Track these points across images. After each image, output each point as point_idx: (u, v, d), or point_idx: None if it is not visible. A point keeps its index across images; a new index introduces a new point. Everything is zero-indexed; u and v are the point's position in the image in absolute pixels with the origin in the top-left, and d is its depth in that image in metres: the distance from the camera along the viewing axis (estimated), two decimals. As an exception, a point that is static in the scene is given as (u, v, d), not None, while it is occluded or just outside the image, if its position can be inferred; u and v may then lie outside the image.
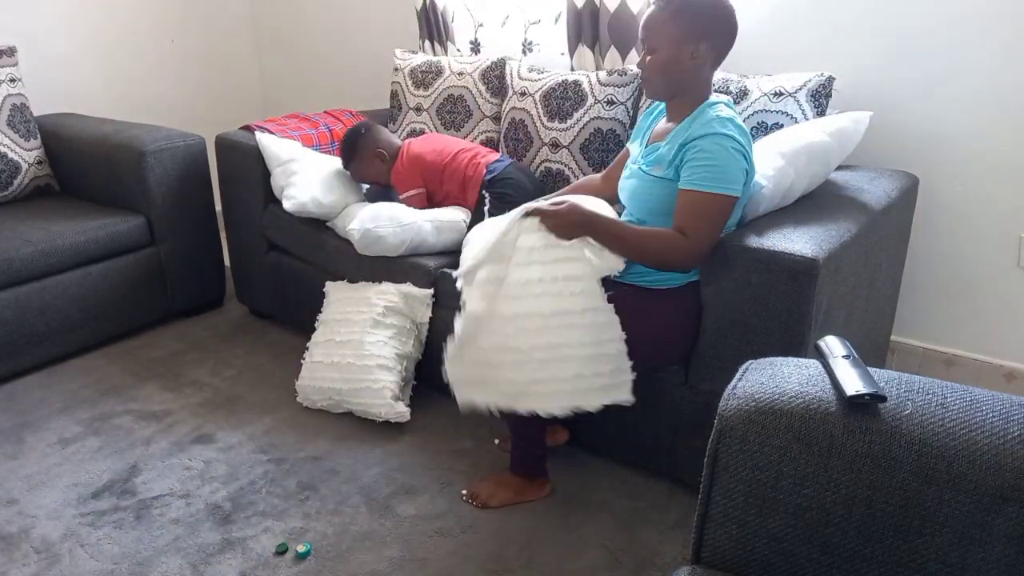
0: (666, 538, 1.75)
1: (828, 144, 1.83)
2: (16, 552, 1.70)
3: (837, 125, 1.87)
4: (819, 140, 1.81)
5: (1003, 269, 2.19)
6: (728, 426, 0.99)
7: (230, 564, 1.67)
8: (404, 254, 2.23)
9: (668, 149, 1.66)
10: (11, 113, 2.68)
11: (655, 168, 1.68)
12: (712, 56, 1.64)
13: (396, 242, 2.20)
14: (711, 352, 1.70)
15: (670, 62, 1.63)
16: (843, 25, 2.23)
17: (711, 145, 1.57)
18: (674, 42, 1.62)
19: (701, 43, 1.62)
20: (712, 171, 1.56)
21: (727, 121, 1.60)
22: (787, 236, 1.60)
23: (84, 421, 2.19)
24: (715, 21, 1.63)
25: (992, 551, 0.87)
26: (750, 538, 1.00)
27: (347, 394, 2.13)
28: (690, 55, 1.62)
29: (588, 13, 2.50)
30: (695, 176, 1.58)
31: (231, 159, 2.62)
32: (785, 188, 1.75)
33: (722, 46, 1.65)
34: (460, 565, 1.67)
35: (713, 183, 1.56)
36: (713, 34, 1.62)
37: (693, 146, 1.59)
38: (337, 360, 2.14)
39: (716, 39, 1.63)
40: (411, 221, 2.23)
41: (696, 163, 1.58)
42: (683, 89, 1.67)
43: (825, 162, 1.85)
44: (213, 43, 3.62)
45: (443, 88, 2.72)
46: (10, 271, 2.30)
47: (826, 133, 1.83)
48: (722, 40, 1.65)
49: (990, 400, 0.94)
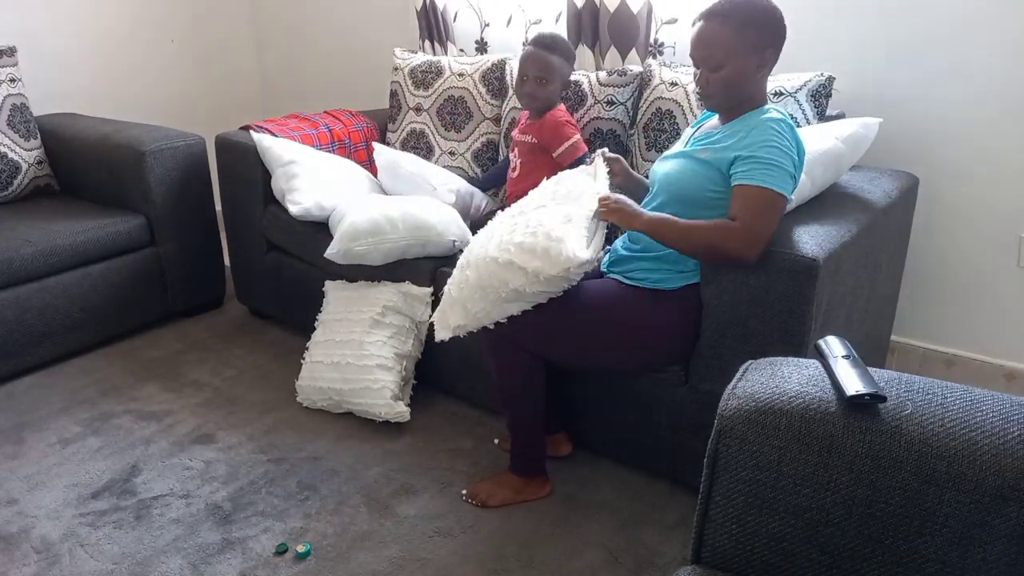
0: (666, 538, 1.75)
1: (841, 151, 1.84)
2: (16, 552, 1.70)
3: (849, 131, 1.87)
4: (833, 147, 1.83)
5: (1003, 269, 2.19)
6: (728, 426, 0.99)
7: (230, 564, 1.67)
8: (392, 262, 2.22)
9: (721, 137, 1.66)
10: (11, 113, 2.68)
11: (701, 151, 1.67)
12: (773, 61, 1.64)
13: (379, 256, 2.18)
14: (711, 352, 1.70)
15: (738, 76, 1.61)
16: (843, 25, 2.23)
17: (766, 143, 1.57)
18: (742, 55, 1.59)
19: (767, 51, 1.61)
20: (768, 168, 1.55)
21: (781, 123, 1.60)
22: (788, 236, 1.60)
23: (84, 421, 2.19)
24: (774, 26, 1.62)
25: (992, 551, 0.87)
26: (750, 538, 1.00)
27: (347, 394, 2.13)
28: (756, 65, 1.61)
29: (588, 13, 2.50)
30: (752, 171, 1.56)
31: (231, 159, 2.62)
32: (802, 199, 1.77)
33: (779, 49, 1.65)
34: (460, 565, 1.67)
35: (769, 180, 1.55)
36: (773, 38, 1.62)
37: (749, 144, 1.58)
38: (337, 360, 2.14)
39: (778, 43, 1.63)
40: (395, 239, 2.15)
41: (753, 160, 1.57)
42: (748, 98, 1.66)
43: (837, 168, 1.87)
44: (213, 43, 3.62)
45: (443, 89, 2.72)
46: (10, 271, 2.30)
47: (839, 140, 1.84)
48: (780, 43, 1.64)
49: (990, 400, 0.94)
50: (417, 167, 2.41)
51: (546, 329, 1.70)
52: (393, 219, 2.15)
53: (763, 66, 1.63)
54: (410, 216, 2.16)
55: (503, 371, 1.77)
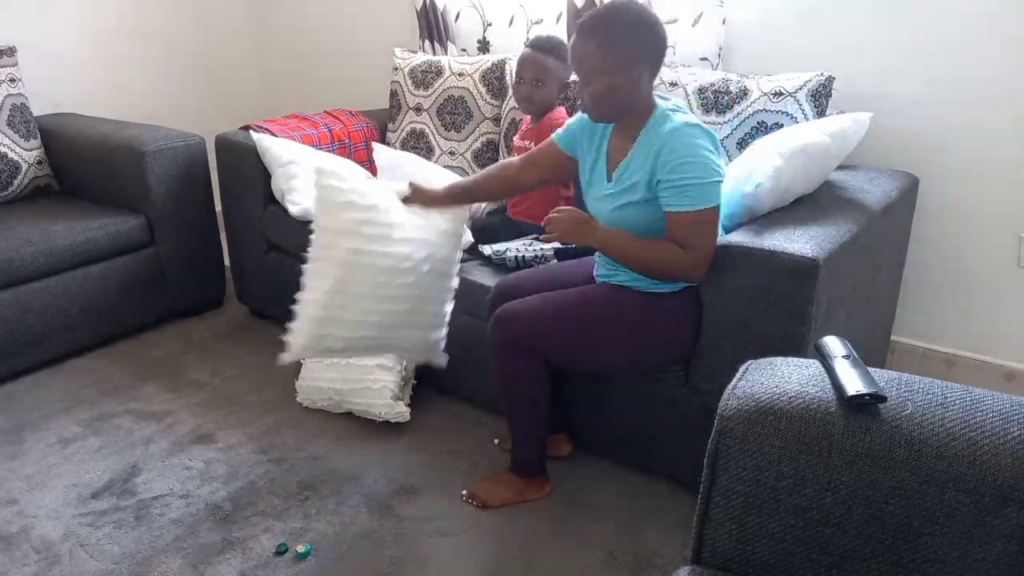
0: (666, 538, 1.75)
1: (827, 145, 1.82)
2: (16, 552, 1.70)
3: (838, 126, 1.86)
4: (818, 141, 1.81)
5: (1003, 269, 2.19)
6: (728, 426, 0.99)
7: (230, 564, 1.67)
8: None
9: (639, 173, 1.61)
10: (11, 113, 2.68)
11: (630, 193, 1.64)
12: (648, 72, 1.59)
13: None
14: (711, 352, 1.70)
15: (608, 92, 1.58)
16: (843, 25, 2.23)
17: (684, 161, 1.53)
18: (607, 73, 1.55)
19: (634, 67, 1.55)
20: (692, 190, 1.54)
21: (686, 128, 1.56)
22: (787, 236, 1.61)
23: (84, 421, 2.19)
24: (642, 42, 1.56)
25: (992, 551, 0.87)
26: (750, 538, 1.00)
27: (347, 394, 2.13)
28: (625, 81, 1.56)
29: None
30: (678, 198, 1.55)
31: (231, 159, 2.62)
32: (783, 188, 1.75)
33: (656, 60, 1.60)
34: (460, 565, 1.67)
35: (696, 200, 1.54)
36: (643, 54, 1.57)
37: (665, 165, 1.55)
38: (337, 360, 2.14)
39: (648, 57, 1.58)
40: None
41: (675, 185, 1.55)
42: (628, 109, 1.62)
43: (823, 163, 1.84)
44: (213, 43, 3.62)
45: (443, 89, 2.72)
46: (10, 271, 2.30)
47: (826, 134, 1.83)
48: (655, 55, 1.59)
49: (990, 400, 0.94)
50: (417, 167, 2.41)
51: (549, 334, 1.70)
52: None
53: (635, 80, 1.57)
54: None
55: (507, 373, 1.76)
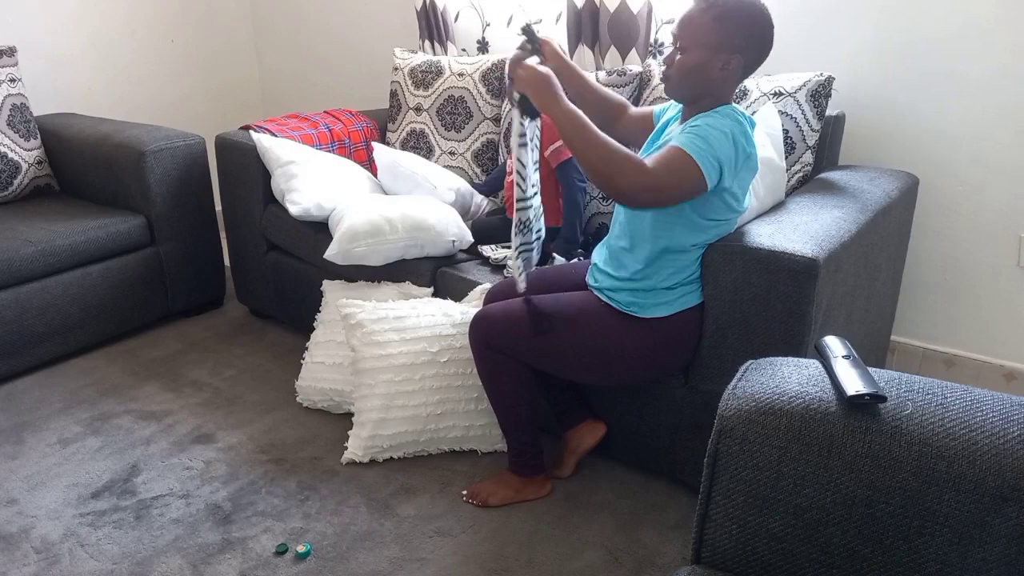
0: (666, 538, 1.75)
1: None
2: (16, 552, 1.70)
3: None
4: None
5: (1003, 269, 2.19)
6: (728, 426, 0.99)
7: (230, 564, 1.67)
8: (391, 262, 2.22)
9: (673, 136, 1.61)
10: (11, 113, 2.68)
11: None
12: (741, 71, 1.57)
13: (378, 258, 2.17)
14: (711, 352, 1.70)
15: (698, 67, 1.55)
16: (843, 25, 2.23)
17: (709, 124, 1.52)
18: (708, 48, 1.52)
19: (734, 56, 1.53)
20: (697, 139, 1.50)
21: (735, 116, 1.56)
22: (787, 236, 1.61)
23: (84, 421, 2.19)
24: (754, 37, 1.54)
25: (992, 551, 0.87)
26: (750, 538, 1.00)
27: (349, 395, 2.13)
28: (720, 66, 1.55)
29: (588, 13, 2.50)
30: (681, 137, 1.53)
31: (231, 159, 2.62)
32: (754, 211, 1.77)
33: (753, 63, 1.58)
34: (460, 565, 1.67)
35: (691, 147, 1.50)
36: (749, 49, 1.55)
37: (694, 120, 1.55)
38: (340, 361, 2.14)
39: (750, 54, 1.56)
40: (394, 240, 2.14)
41: (688, 131, 1.53)
42: (704, 96, 1.59)
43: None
44: (213, 43, 3.62)
45: (443, 88, 2.72)
46: (10, 271, 2.30)
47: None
48: (756, 57, 1.57)
49: (990, 400, 0.94)
50: (417, 167, 2.41)
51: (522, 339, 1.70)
52: (392, 220, 2.15)
53: (727, 70, 1.54)
54: (409, 217, 2.16)
55: (486, 373, 1.78)
